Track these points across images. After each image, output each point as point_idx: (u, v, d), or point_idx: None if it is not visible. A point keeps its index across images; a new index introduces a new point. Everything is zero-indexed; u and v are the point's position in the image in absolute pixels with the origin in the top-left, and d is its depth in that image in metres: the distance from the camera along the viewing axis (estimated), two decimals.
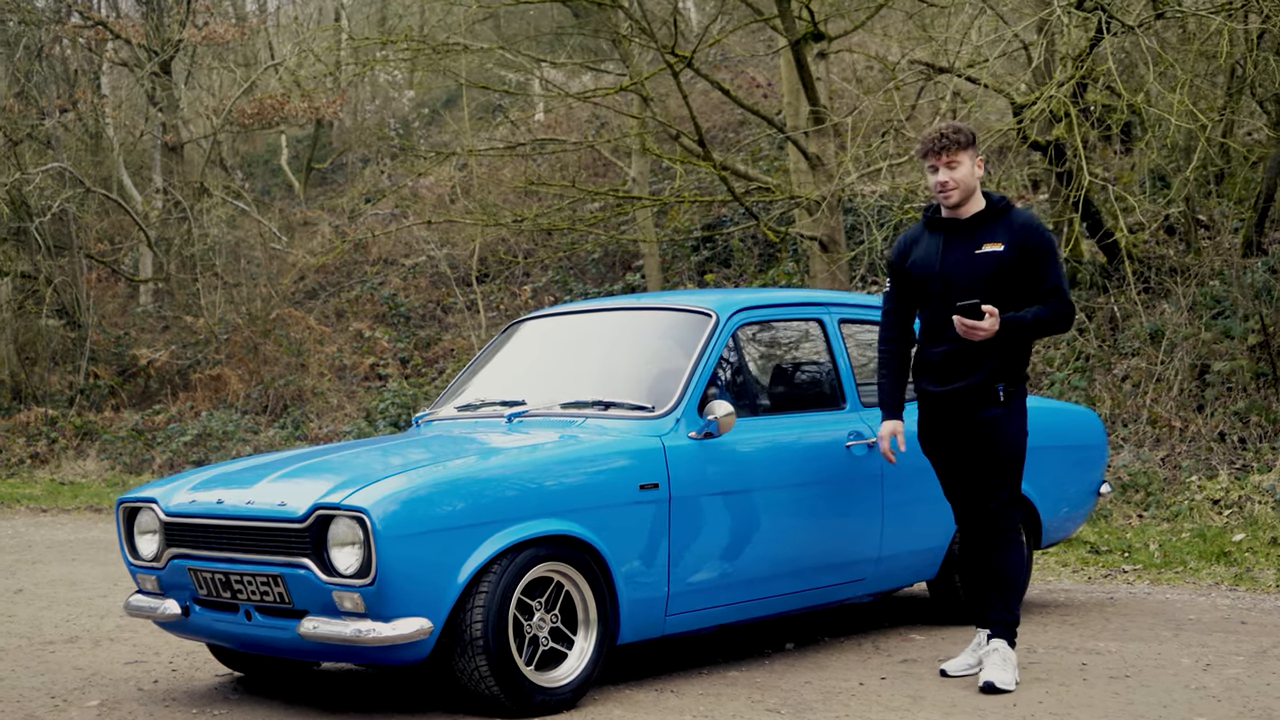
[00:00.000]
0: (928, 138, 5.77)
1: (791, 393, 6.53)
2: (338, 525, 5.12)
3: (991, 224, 5.75)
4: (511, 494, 5.34)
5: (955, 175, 5.71)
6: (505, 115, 23.06)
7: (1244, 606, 7.52)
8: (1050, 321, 5.69)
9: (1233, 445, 11.11)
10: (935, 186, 5.76)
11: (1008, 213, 5.77)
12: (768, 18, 14.48)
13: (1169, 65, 11.82)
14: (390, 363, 18.90)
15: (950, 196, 5.75)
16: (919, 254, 5.89)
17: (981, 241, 5.73)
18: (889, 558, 6.60)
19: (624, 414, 5.93)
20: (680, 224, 19.47)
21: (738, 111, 21.65)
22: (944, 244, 5.80)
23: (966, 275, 5.71)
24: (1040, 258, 5.69)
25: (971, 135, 5.76)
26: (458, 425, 6.35)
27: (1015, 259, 5.68)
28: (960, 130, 5.73)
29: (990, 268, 5.69)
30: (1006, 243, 5.69)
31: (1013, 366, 5.75)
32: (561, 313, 6.92)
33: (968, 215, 5.78)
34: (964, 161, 5.71)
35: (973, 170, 5.74)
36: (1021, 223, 5.74)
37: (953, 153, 5.69)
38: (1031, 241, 5.69)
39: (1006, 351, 5.72)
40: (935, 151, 5.73)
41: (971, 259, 5.73)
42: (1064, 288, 5.71)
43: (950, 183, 5.72)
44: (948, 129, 5.73)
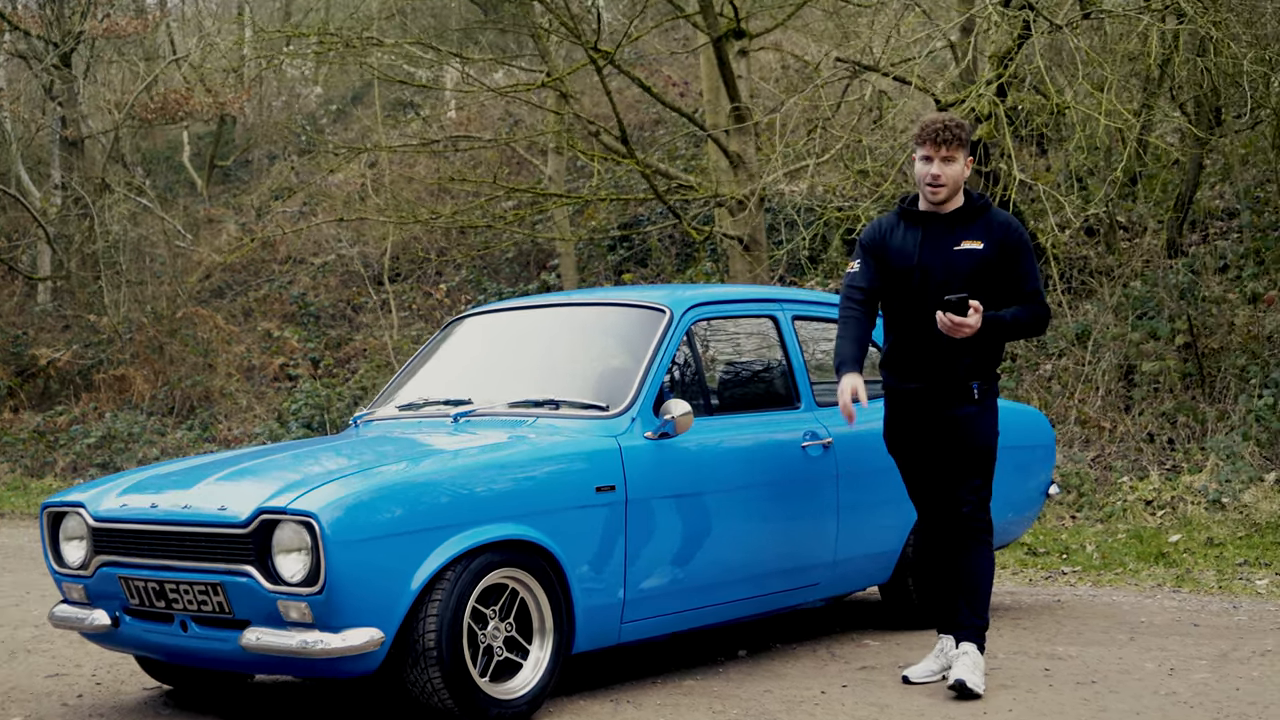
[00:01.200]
0: (929, 125, 5.54)
1: (746, 391, 6.34)
2: (283, 530, 4.85)
3: (971, 221, 5.60)
4: (466, 497, 5.09)
5: (948, 171, 5.53)
6: (416, 112, 22.72)
7: (1191, 609, 7.44)
8: (1027, 324, 5.59)
9: (1161, 446, 11.10)
10: (924, 177, 5.55)
11: (987, 211, 5.63)
12: (689, 14, 14.29)
13: (1096, 65, 11.79)
14: (301, 363, 18.49)
15: (939, 192, 5.56)
16: (895, 244, 5.69)
17: (960, 238, 5.57)
18: (843, 561, 6.43)
19: (576, 413, 5.70)
20: (598, 223, 19.26)
21: (653, 110, 21.50)
22: (922, 237, 5.62)
23: (944, 271, 5.55)
24: (1020, 259, 5.57)
25: (969, 130, 5.60)
26: (400, 425, 6.07)
27: (995, 258, 5.54)
28: (962, 126, 5.54)
29: (969, 265, 5.54)
30: (986, 241, 5.54)
31: (987, 364, 5.62)
32: (505, 308, 6.67)
33: (948, 211, 5.61)
34: (959, 158, 5.53)
35: (964, 169, 5.57)
36: (1001, 222, 5.59)
37: (952, 148, 5.50)
38: (1011, 242, 5.56)
39: (982, 349, 5.58)
40: (935, 142, 5.51)
41: (950, 255, 5.57)
42: (1041, 291, 5.61)
43: (942, 177, 5.53)
44: (951, 121, 5.52)
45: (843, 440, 6.36)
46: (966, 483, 5.62)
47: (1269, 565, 8.61)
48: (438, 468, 5.18)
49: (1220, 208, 14.56)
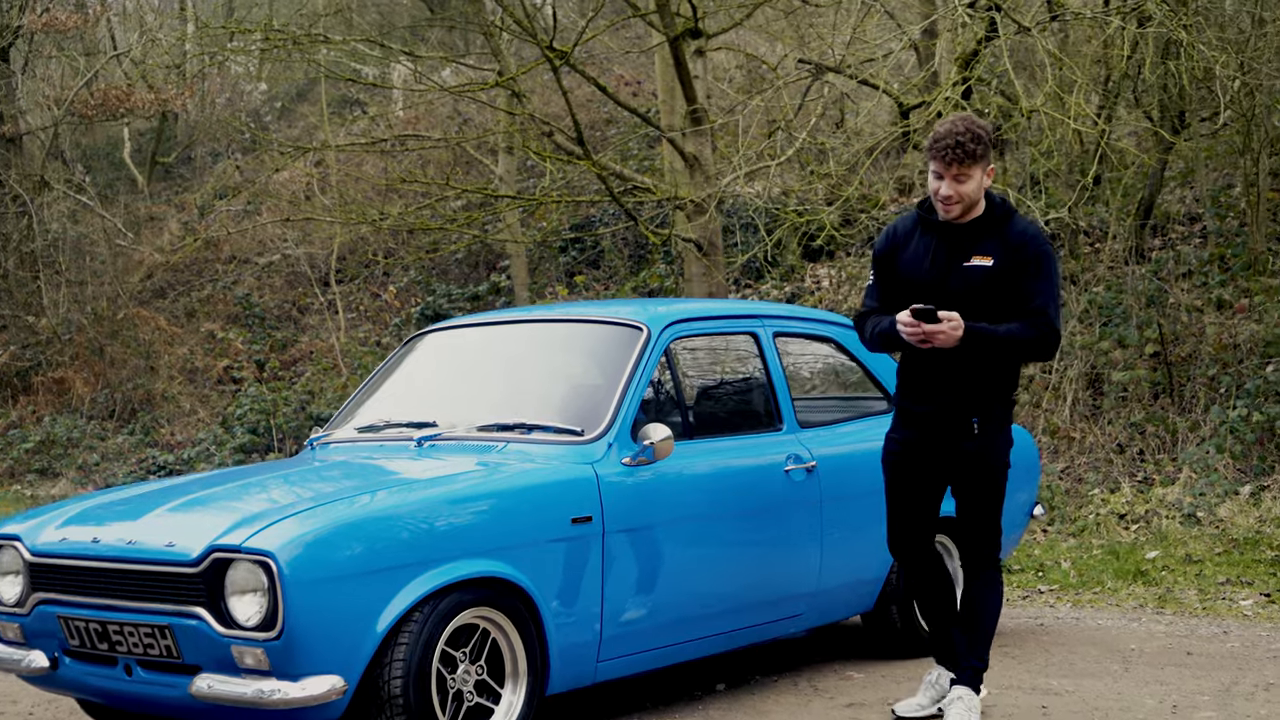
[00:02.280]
0: (939, 139, 5.07)
1: (726, 413, 6.03)
2: (237, 570, 4.49)
3: (987, 234, 5.17)
4: (434, 532, 4.74)
5: (962, 190, 5.08)
6: (364, 110, 22.28)
7: (1180, 634, 7.18)
8: (1027, 344, 5.08)
9: (1132, 457, 10.87)
10: (935, 194, 5.15)
11: (1007, 222, 5.18)
12: (645, 13, 13.96)
13: (1065, 68, 11.55)
14: (245, 365, 18.04)
15: (951, 211, 5.15)
16: (908, 254, 5.28)
17: (972, 252, 5.15)
18: (827, 591, 6.12)
19: (549, 438, 5.36)
20: (549, 224, 18.92)
21: (604, 110, 21.17)
22: (934, 248, 5.21)
23: (955, 286, 5.14)
24: (1029, 272, 5.09)
25: (989, 142, 5.10)
26: (360, 450, 5.71)
27: (1005, 273, 5.11)
28: (979, 139, 5.03)
29: (977, 282, 5.12)
30: (997, 256, 5.12)
31: (988, 395, 5.19)
32: (471, 324, 6.32)
33: (966, 221, 5.19)
34: (974, 175, 5.07)
35: (982, 183, 5.12)
36: (1017, 233, 5.15)
37: (965, 166, 5.03)
38: (1024, 255, 5.10)
39: (981, 375, 5.17)
40: (944, 161, 5.05)
41: (961, 270, 5.15)
42: (1050, 310, 5.09)
43: (954, 197, 5.09)
44: (964, 134, 5.02)
45: (826, 463, 6.05)
46: (972, 519, 5.28)
47: (1251, 584, 8.37)
48: (404, 500, 4.82)
49: (1182, 212, 14.40)
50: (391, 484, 4.99)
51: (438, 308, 18.38)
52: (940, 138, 5.09)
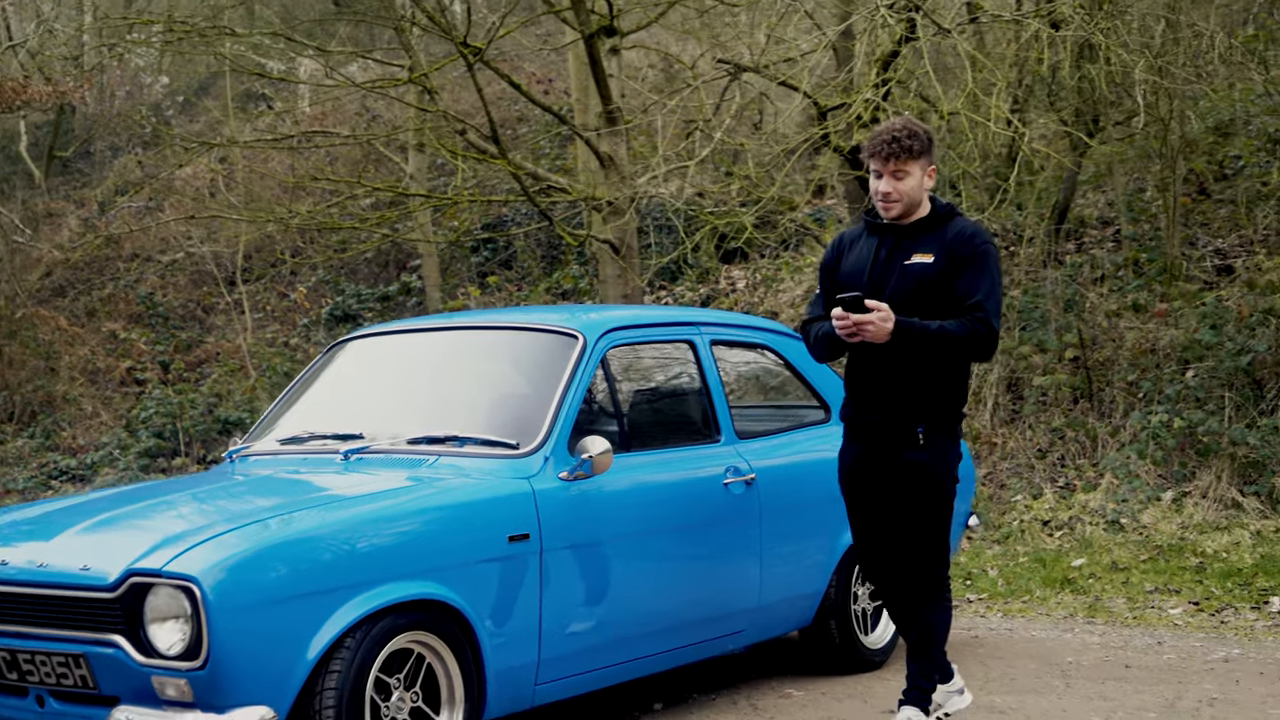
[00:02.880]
0: (876, 137, 5.04)
1: (664, 425, 5.85)
2: (158, 596, 4.24)
3: (928, 233, 5.09)
4: (367, 553, 4.52)
5: (901, 187, 5.02)
6: (269, 105, 21.87)
7: (1115, 645, 7.10)
8: (961, 340, 4.93)
9: (1053, 463, 10.83)
10: (876, 194, 5.08)
11: (949, 220, 5.11)
12: (560, 10, 13.75)
13: (984, 70, 11.49)
14: (149, 367, 17.60)
15: (891, 209, 5.07)
16: (851, 260, 5.20)
17: (914, 251, 5.07)
18: (767, 606, 5.95)
19: (483, 451, 5.15)
20: (461, 224, 18.65)
21: (515, 107, 20.93)
22: (877, 249, 5.12)
23: (894, 286, 5.04)
24: (968, 269, 4.99)
25: (928, 139, 5.06)
26: (283, 463, 5.45)
27: (945, 270, 5.01)
28: (915, 134, 5.00)
29: (917, 279, 5.02)
30: (937, 253, 5.03)
31: (935, 403, 5.07)
32: (396, 330, 6.08)
33: (908, 222, 5.11)
34: (913, 172, 5.02)
35: (922, 181, 5.07)
36: (957, 231, 5.06)
37: (902, 161, 4.99)
38: (963, 251, 5.01)
39: (926, 382, 5.04)
40: (882, 157, 5.02)
41: (901, 270, 5.06)
42: (989, 308, 4.97)
43: (894, 194, 5.03)
44: (901, 131, 5.00)
45: (765, 476, 5.88)
46: (917, 536, 5.12)
47: (1179, 593, 8.33)
48: (334, 519, 4.58)
49: (1095, 216, 14.44)
50: (320, 502, 4.75)
51: (347, 308, 18.07)
52: (878, 135, 5.07)
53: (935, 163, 5.14)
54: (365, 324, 17.72)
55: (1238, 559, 8.89)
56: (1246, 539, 9.26)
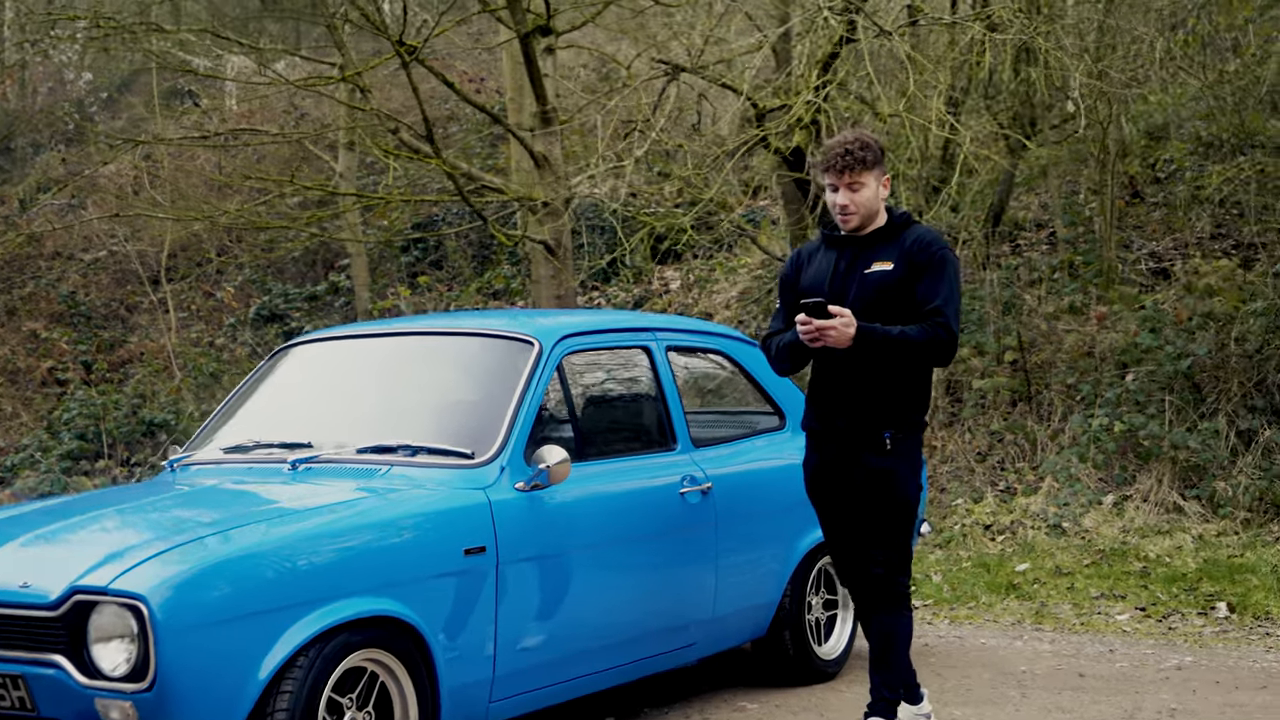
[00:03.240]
0: (828, 151, 5.03)
1: (620, 433, 5.71)
2: (102, 614, 4.06)
3: (887, 242, 5.07)
4: (319, 568, 4.36)
5: (858, 198, 5.01)
6: (195, 103, 21.53)
7: (1067, 653, 7.05)
8: (921, 345, 4.89)
9: (993, 466, 10.81)
10: (834, 208, 5.06)
11: (906, 228, 5.09)
12: (496, 9, 13.59)
13: (925, 73, 11.46)
14: (71, 367, 17.23)
15: (849, 221, 5.06)
16: (810, 273, 5.18)
17: (872, 260, 5.04)
18: (722, 617, 5.84)
19: (437, 461, 4.99)
20: (391, 223, 18.44)
21: (446, 106, 20.72)
22: (836, 263, 5.10)
23: (855, 297, 5.00)
24: (927, 274, 4.96)
25: (879, 151, 5.05)
26: (228, 473, 5.26)
27: (904, 277, 4.98)
28: (868, 145, 4.99)
29: (877, 288, 5.00)
30: (896, 260, 5.00)
31: (901, 408, 5.03)
32: (344, 335, 5.90)
33: (866, 233, 5.09)
34: (868, 183, 5.00)
35: (878, 191, 5.04)
36: (915, 238, 5.04)
37: (856, 173, 4.97)
38: (921, 257, 4.98)
39: (889, 388, 5.00)
40: (836, 170, 5.00)
41: (861, 280, 5.03)
42: (948, 312, 4.93)
43: (850, 206, 5.02)
44: (853, 143, 4.98)
45: (721, 484, 5.77)
46: (878, 542, 5.06)
47: (1124, 598, 8.31)
48: (286, 534, 4.40)
49: (1029, 219, 14.47)
50: (270, 515, 4.56)
51: (274, 308, 17.81)
52: (829, 149, 5.07)
53: (885, 170, 5.10)
54: (293, 324, 17.47)
55: (1181, 563, 8.89)
56: (1188, 543, 9.27)
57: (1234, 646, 7.17)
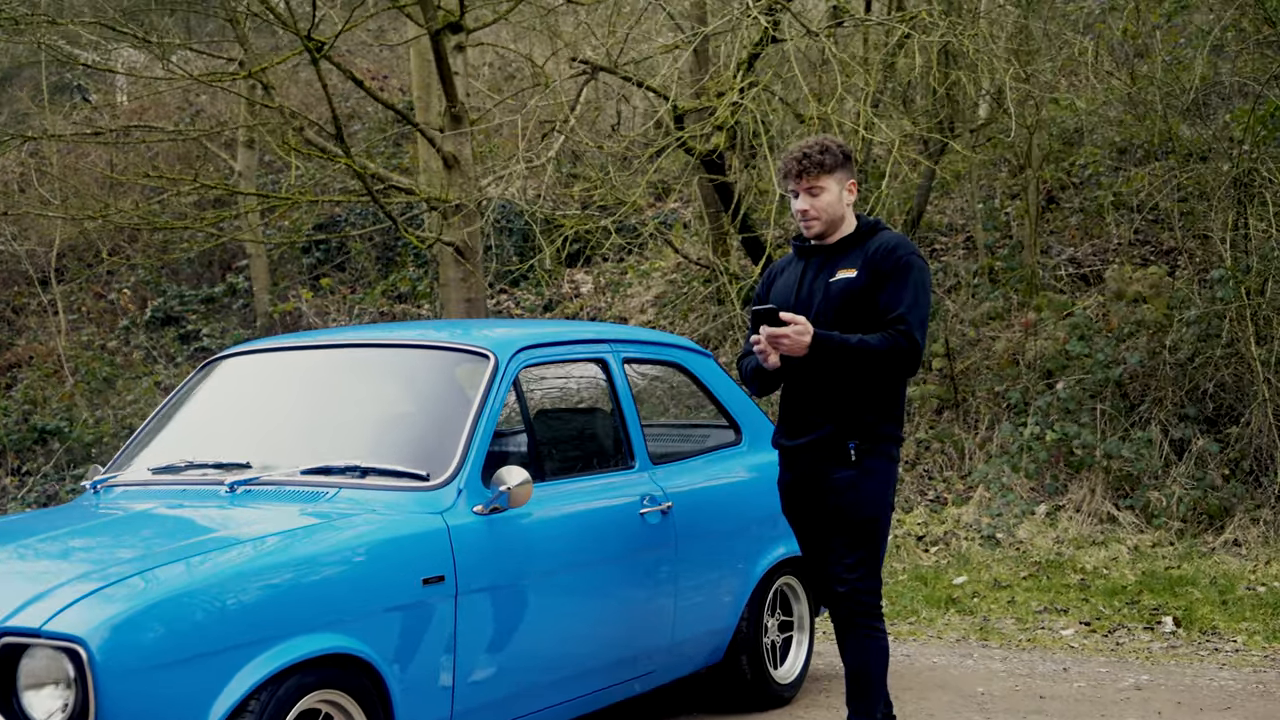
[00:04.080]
0: (787, 157, 4.84)
1: (577, 451, 5.41)
2: (35, 658, 3.68)
3: (854, 248, 4.87)
4: (271, 602, 4.00)
5: (818, 203, 4.83)
6: (85, 97, 20.86)
7: (1021, 672, 6.85)
8: (881, 354, 4.66)
9: (922, 475, 10.64)
10: (795, 214, 4.86)
11: (872, 235, 4.89)
12: (405, 4, 13.22)
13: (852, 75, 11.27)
14: None
15: (811, 226, 4.87)
16: (780, 285, 5.00)
17: (837, 268, 4.84)
18: (681, 643, 5.55)
19: (388, 483, 4.64)
20: (292, 223, 17.97)
21: (347, 103, 20.25)
22: (804, 271, 4.92)
23: (819, 305, 4.82)
24: (890, 281, 4.75)
25: (842, 154, 4.85)
26: (159, 496, 4.86)
27: (866, 285, 4.78)
28: (828, 149, 4.81)
29: (841, 296, 4.80)
30: (860, 268, 4.80)
31: (866, 419, 4.80)
32: (280, 347, 5.52)
33: (833, 241, 4.90)
34: (829, 187, 4.83)
35: (841, 196, 4.86)
36: (879, 245, 4.83)
37: (814, 176, 4.80)
38: (884, 264, 4.77)
39: (855, 399, 4.78)
40: (795, 175, 4.82)
41: (825, 289, 4.83)
42: (911, 320, 4.70)
43: (811, 211, 4.84)
44: (813, 147, 4.81)
45: (681, 503, 5.48)
46: (843, 559, 4.84)
47: (1066, 612, 8.15)
48: (233, 566, 4.03)
49: (944, 223, 14.38)
50: (214, 545, 4.17)
51: (169, 310, 17.27)
52: (787, 156, 4.92)
53: (853, 176, 4.91)
54: (189, 326, 16.94)
55: (1119, 575, 8.76)
56: (1124, 554, 9.16)
57: (1187, 664, 7.02)
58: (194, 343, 16.67)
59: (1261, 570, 8.66)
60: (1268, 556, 8.86)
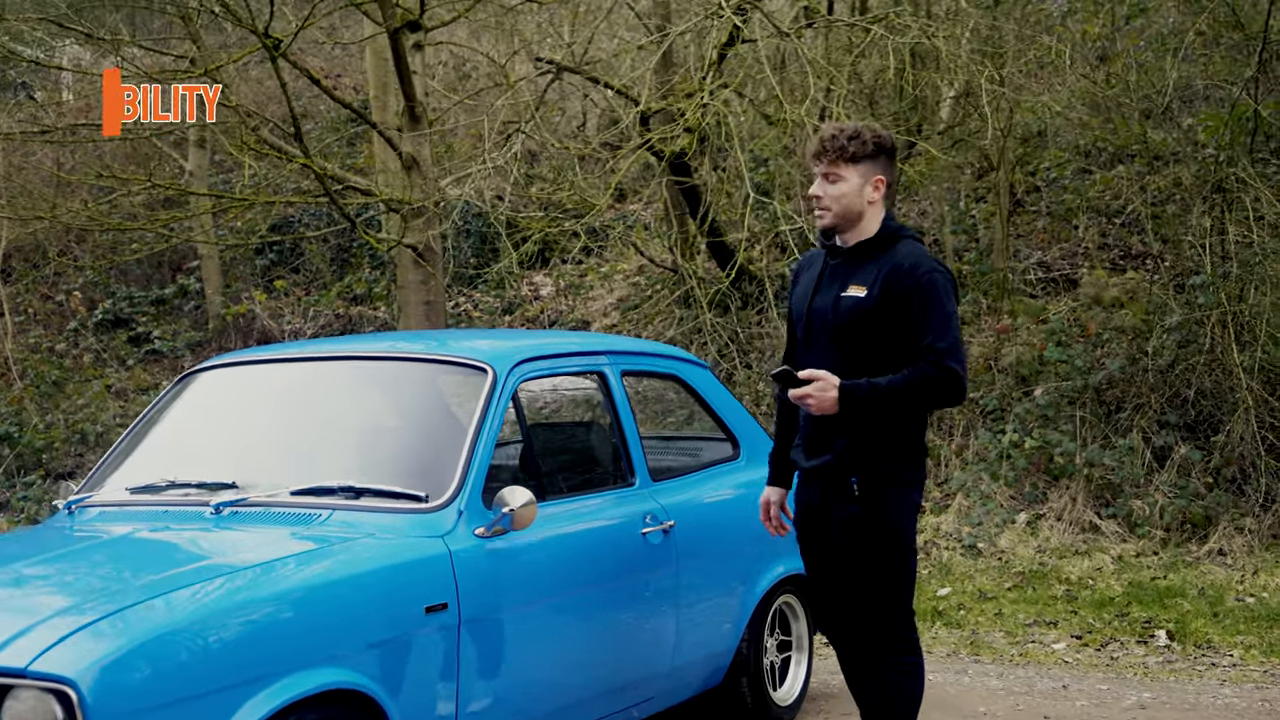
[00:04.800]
0: (817, 136, 4.47)
1: (577, 468, 5.18)
2: (20, 700, 3.42)
3: (869, 259, 4.45)
4: (270, 636, 3.75)
5: (832, 191, 4.41)
6: (30, 95, 20.41)
7: (1019, 690, 6.68)
8: (920, 390, 4.31)
9: None
10: (811, 198, 4.49)
11: (891, 246, 4.46)
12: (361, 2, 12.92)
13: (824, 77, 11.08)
14: None
15: (822, 216, 4.46)
16: (799, 287, 4.63)
17: (850, 281, 4.44)
18: (681, 667, 5.32)
19: (384, 505, 4.39)
20: (245, 224, 17.63)
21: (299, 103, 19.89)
22: (820, 276, 4.54)
23: (830, 321, 4.45)
24: (912, 305, 4.33)
25: (875, 146, 4.42)
26: (139, 518, 4.57)
27: (878, 307, 4.36)
28: (858, 136, 4.39)
29: (851, 317, 4.40)
30: (871, 286, 4.39)
31: (873, 451, 4.42)
32: (263, 360, 5.25)
33: (852, 244, 4.49)
34: (849, 177, 4.39)
35: (862, 190, 4.41)
36: (896, 261, 4.39)
37: (834, 162, 4.39)
38: (903, 285, 4.34)
39: (860, 429, 4.40)
40: (816, 155, 4.44)
41: (836, 301, 4.45)
42: (944, 348, 4.31)
43: (822, 199, 4.43)
44: (842, 131, 4.40)
45: (683, 522, 5.26)
46: (867, 598, 4.52)
47: (1056, 625, 7.99)
48: (229, 598, 3.77)
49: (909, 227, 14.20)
50: (205, 574, 3.91)
51: (119, 312, 16.90)
52: (819, 134, 4.51)
53: (885, 173, 4.48)
54: (139, 328, 16.58)
55: (1105, 586, 8.62)
56: (1108, 564, 9.01)
57: (1187, 680, 6.87)
58: (144, 345, 16.33)
59: (1250, 580, 8.53)
60: (1254, 566, 8.73)
